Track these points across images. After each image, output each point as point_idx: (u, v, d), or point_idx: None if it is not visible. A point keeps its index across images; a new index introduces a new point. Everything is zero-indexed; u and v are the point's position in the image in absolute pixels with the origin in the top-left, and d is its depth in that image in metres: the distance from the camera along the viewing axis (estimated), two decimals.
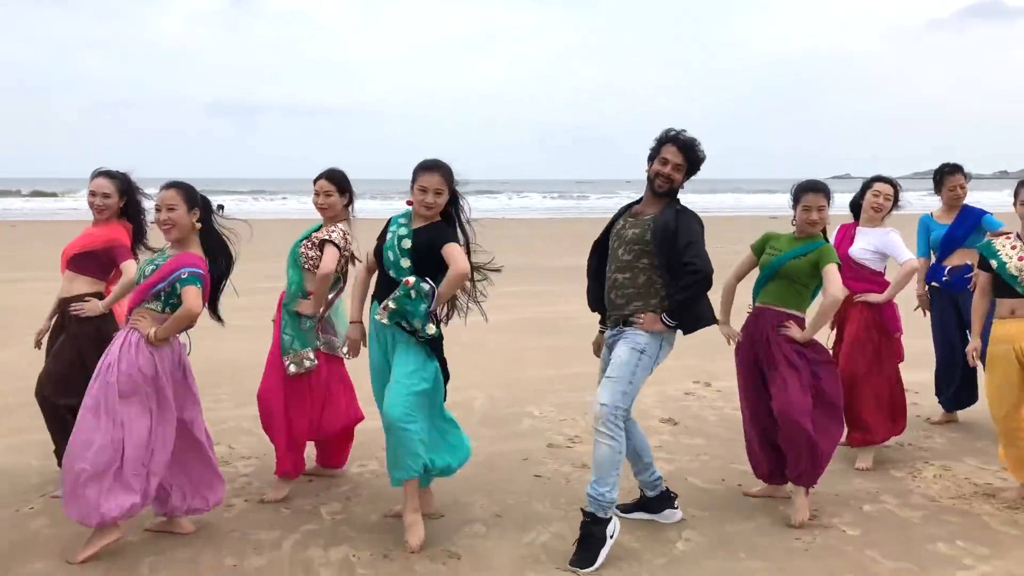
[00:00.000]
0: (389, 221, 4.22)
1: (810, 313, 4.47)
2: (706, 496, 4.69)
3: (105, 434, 3.76)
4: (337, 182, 4.76)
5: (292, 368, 4.59)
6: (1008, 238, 4.58)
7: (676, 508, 4.35)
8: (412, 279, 3.95)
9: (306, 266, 4.69)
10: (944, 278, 5.72)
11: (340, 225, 4.71)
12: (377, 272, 4.21)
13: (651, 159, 4.16)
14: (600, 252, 4.31)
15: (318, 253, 4.63)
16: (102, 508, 3.74)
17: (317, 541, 4.10)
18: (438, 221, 4.16)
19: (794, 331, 4.37)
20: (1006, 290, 4.48)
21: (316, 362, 4.63)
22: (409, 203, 4.18)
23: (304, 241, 4.75)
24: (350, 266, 4.83)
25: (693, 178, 4.18)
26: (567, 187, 78.15)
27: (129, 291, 4.41)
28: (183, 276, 3.88)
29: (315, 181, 4.78)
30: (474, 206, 4.45)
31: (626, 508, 4.35)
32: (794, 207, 4.55)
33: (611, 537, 3.91)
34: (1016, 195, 4.57)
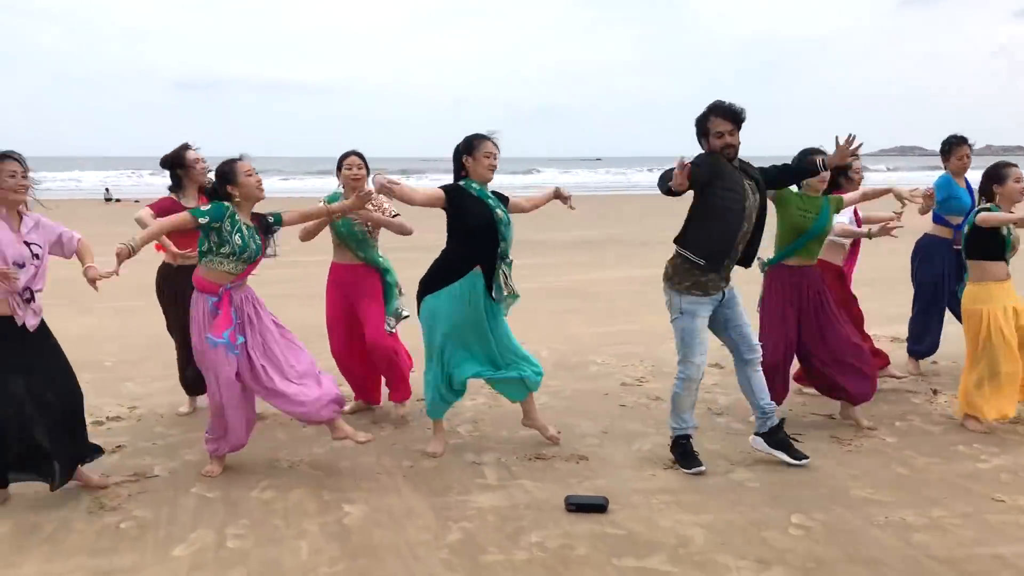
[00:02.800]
0: (474, 193, 4.85)
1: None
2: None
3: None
4: (364, 159, 5.67)
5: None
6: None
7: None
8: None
9: (371, 236, 5.64)
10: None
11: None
12: (471, 240, 4.85)
13: (703, 134, 4.63)
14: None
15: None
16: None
17: (467, 450, 5.13)
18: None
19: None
20: (999, 253, 5.40)
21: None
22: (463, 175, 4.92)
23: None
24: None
25: (662, 156, 5.00)
26: (539, 164, 79.13)
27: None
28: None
29: (346, 157, 5.61)
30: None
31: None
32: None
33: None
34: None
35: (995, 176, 5.47)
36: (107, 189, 36.93)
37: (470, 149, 4.92)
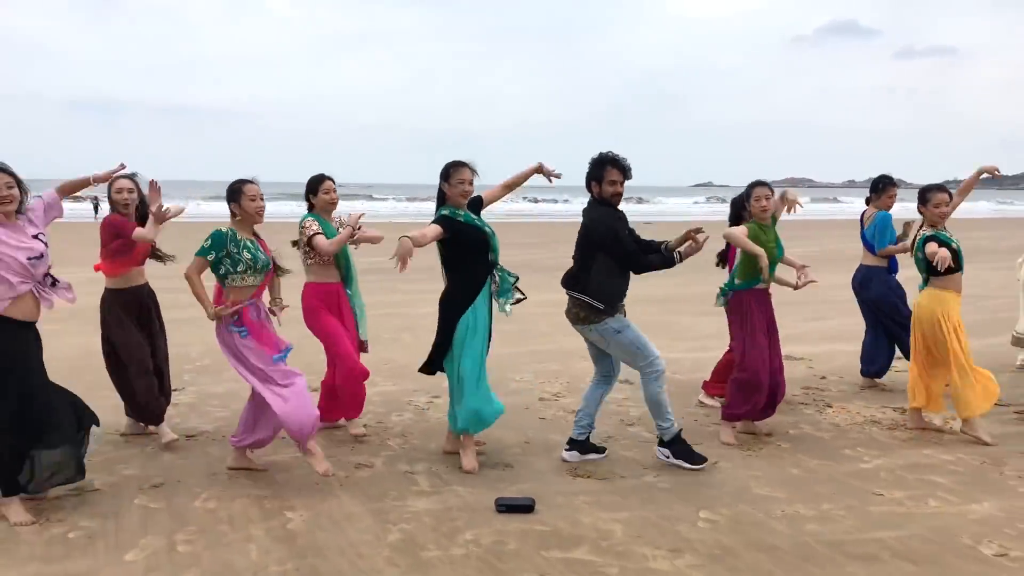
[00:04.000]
0: (452, 216, 5.28)
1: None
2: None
3: None
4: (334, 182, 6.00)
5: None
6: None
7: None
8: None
9: None
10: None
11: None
12: (473, 260, 5.31)
13: (597, 180, 5.23)
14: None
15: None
16: None
17: (399, 460, 5.46)
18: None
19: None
20: (958, 266, 5.94)
21: None
22: (445, 199, 5.37)
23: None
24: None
25: (563, 187, 5.56)
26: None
27: None
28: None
29: (322, 181, 5.89)
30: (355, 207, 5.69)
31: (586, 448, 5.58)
32: (747, 201, 5.94)
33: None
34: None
35: (922, 197, 6.14)
36: None
37: (447, 176, 5.37)
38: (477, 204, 5.53)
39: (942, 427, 6.30)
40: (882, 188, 7.41)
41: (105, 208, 6.02)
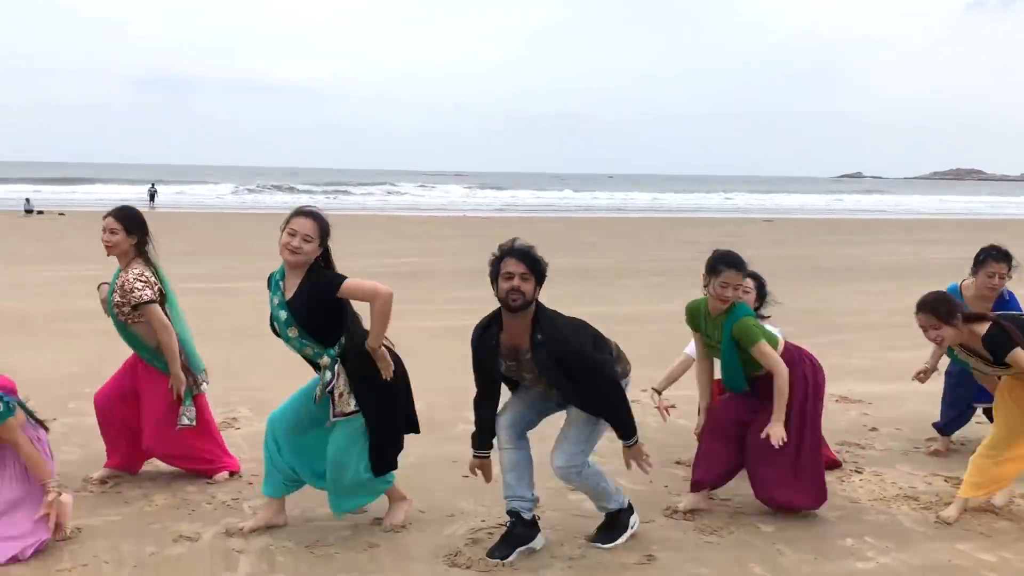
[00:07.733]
0: (269, 279, 4.96)
1: None
2: (630, 495, 5.62)
3: None
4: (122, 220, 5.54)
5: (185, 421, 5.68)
6: None
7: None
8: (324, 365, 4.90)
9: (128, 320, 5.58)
10: None
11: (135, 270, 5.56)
12: None
13: (494, 280, 4.68)
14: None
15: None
16: None
17: (231, 535, 4.98)
18: (311, 271, 4.83)
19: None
20: None
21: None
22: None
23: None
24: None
25: (690, 177, 4.82)
26: (545, 182, 79.45)
27: None
28: None
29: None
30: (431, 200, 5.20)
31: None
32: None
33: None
34: None
35: None
36: (27, 200, 37.54)
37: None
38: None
39: (1000, 508, 5.44)
40: (982, 260, 6.04)
41: (162, 197, 5.74)
